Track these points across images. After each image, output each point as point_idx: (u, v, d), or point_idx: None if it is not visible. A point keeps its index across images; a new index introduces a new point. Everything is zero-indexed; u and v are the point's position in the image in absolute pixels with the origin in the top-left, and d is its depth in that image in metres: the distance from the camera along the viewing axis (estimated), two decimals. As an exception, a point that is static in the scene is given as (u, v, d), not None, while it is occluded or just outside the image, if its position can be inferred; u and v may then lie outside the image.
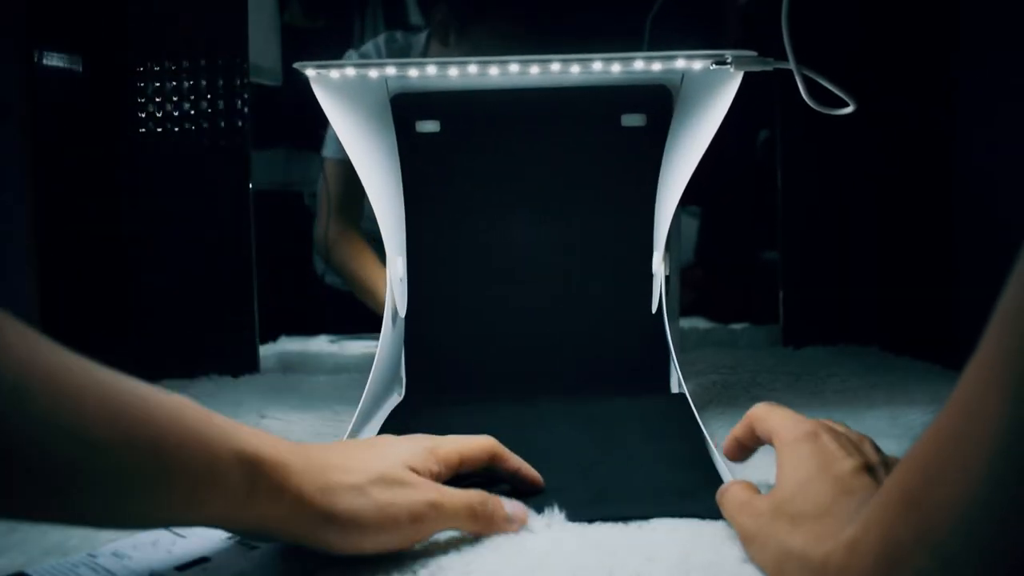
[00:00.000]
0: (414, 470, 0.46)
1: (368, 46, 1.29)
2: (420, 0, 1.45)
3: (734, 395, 0.82)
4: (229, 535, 0.49)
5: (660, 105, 0.79)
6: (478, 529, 0.47)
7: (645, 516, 0.51)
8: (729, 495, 0.49)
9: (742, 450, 0.53)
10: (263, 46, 1.15)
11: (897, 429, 0.68)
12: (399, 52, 1.28)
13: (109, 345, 0.94)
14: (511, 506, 0.49)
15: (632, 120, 0.80)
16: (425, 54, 1.25)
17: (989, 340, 0.28)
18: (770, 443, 0.49)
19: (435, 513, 0.45)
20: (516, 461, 0.54)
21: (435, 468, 0.48)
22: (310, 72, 0.62)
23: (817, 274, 1.05)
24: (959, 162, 0.89)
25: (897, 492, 0.32)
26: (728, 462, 0.58)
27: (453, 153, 0.81)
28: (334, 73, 0.64)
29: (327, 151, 1.36)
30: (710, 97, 0.66)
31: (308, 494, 0.41)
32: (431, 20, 1.26)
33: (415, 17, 1.47)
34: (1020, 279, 0.27)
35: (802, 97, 0.63)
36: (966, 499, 0.28)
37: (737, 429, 0.53)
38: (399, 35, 1.29)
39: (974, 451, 0.28)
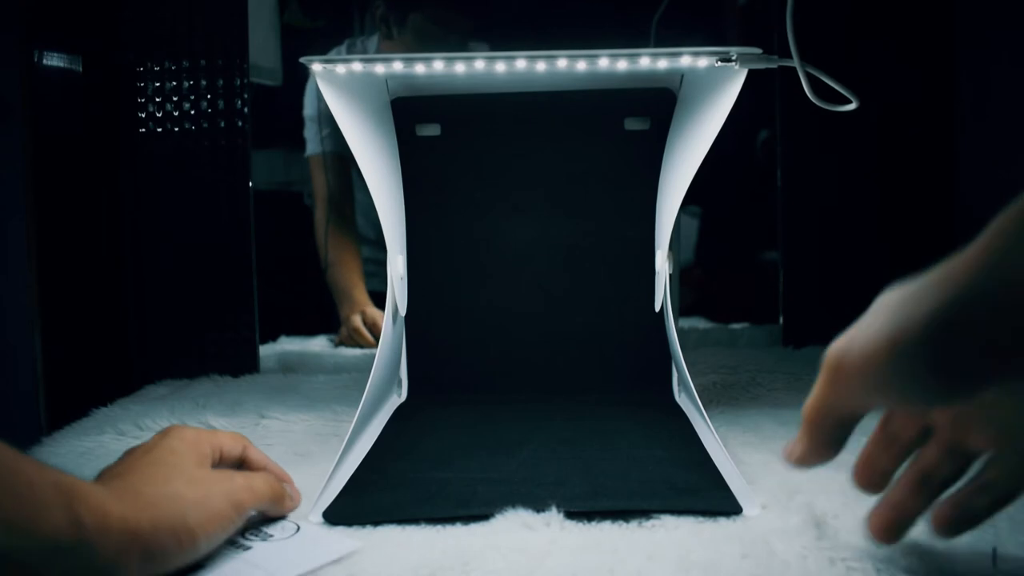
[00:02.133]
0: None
1: (332, 54, 1.29)
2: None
3: (734, 395, 0.82)
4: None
5: (664, 109, 0.78)
6: (278, 505, 0.51)
7: (645, 511, 0.51)
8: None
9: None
10: (263, 46, 1.15)
11: (897, 428, 0.68)
12: None
13: (109, 345, 0.95)
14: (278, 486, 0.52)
15: (635, 124, 0.80)
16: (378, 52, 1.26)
17: None
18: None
19: (250, 496, 0.48)
20: (263, 458, 0.54)
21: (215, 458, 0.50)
22: (316, 67, 0.62)
23: (817, 274, 1.04)
24: (961, 161, 0.89)
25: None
26: (729, 461, 0.58)
27: (454, 156, 0.81)
28: (340, 68, 0.64)
29: (311, 150, 1.37)
30: (712, 96, 0.66)
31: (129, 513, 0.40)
32: (373, 17, 1.27)
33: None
34: None
35: (803, 95, 0.63)
36: None
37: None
38: (359, 41, 1.31)
39: None
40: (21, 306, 0.82)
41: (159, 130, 0.96)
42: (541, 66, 0.64)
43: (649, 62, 0.64)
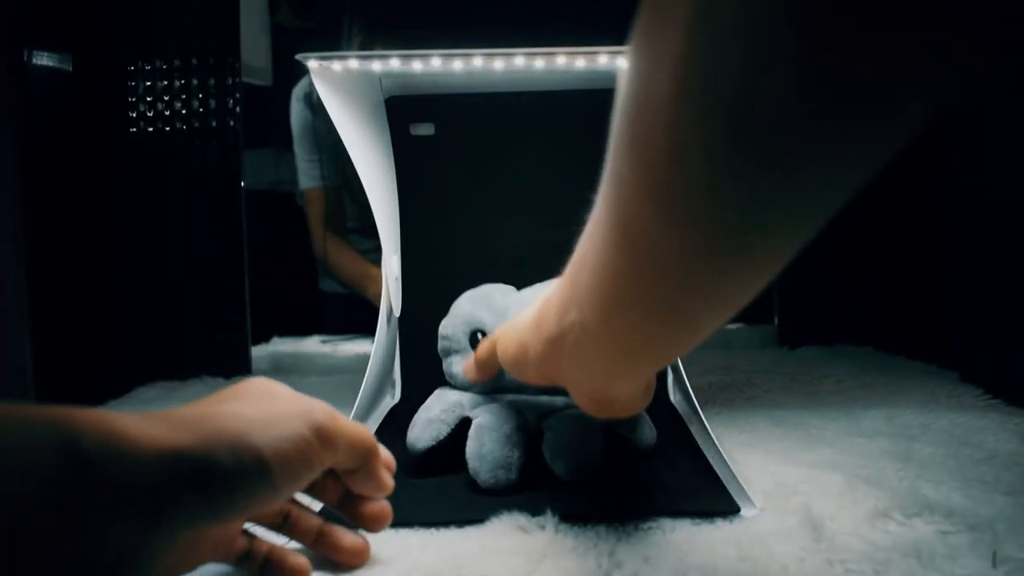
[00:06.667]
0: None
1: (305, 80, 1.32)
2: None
3: (729, 396, 0.82)
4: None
5: None
6: (367, 458, 0.42)
7: (642, 514, 0.51)
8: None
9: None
10: (254, 46, 1.15)
11: (893, 429, 0.68)
12: None
13: (100, 346, 0.94)
14: (352, 538, 0.45)
15: None
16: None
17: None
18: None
19: (333, 422, 0.38)
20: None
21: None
22: (312, 64, 0.62)
23: (812, 274, 1.04)
24: (956, 160, 0.88)
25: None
26: (726, 463, 0.57)
27: (449, 156, 0.81)
28: (336, 65, 0.63)
29: (305, 183, 1.39)
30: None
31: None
32: (351, 45, 1.31)
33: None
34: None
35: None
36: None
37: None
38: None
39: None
40: (11, 307, 0.81)
41: (150, 129, 0.95)
42: (539, 63, 0.64)
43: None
